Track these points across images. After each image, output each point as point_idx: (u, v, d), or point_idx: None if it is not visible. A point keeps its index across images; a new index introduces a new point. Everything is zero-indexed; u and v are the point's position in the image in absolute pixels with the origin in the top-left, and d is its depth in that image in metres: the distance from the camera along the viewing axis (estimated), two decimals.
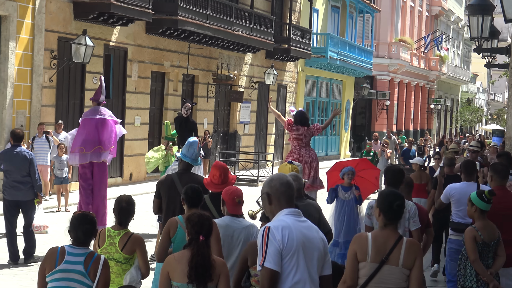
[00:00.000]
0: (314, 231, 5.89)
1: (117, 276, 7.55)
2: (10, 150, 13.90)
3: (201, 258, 6.06)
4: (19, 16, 21.45)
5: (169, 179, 9.90)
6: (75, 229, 6.63)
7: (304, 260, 5.71)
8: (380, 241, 6.42)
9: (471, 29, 15.85)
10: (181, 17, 27.37)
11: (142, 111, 27.74)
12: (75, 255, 6.51)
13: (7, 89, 21.11)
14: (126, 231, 7.72)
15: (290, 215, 5.81)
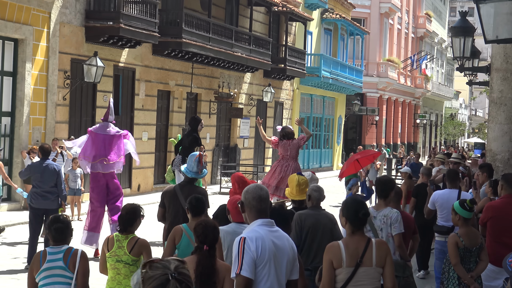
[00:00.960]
0: (284, 240, 5.93)
1: (125, 278, 7.61)
2: (39, 163, 14.13)
3: (204, 268, 6.08)
4: (35, 39, 21.48)
5: (172, 190, 9.93)
6: (49, 229, 6.93)
7: (275, 268, 5.77)
8: (352, 247, 6.45)
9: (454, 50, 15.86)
10: (185, 39, 27.42)
11: (149, 127, 27.75)
12: (54, 253, 6.80)
13: (23, 107, 21.14)
14: (133, 235, 7.78)
15: (263, 226, 5.86)
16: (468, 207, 8.59)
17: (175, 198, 9.68)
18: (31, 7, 21.29)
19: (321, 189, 9.08)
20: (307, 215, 8.67)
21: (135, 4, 24.58)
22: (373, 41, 55.65)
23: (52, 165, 13.99)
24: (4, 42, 20.76)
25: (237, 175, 9.39)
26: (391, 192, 9.25)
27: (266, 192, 6.10)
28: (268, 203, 6.04)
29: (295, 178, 9.44)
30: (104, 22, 23.64)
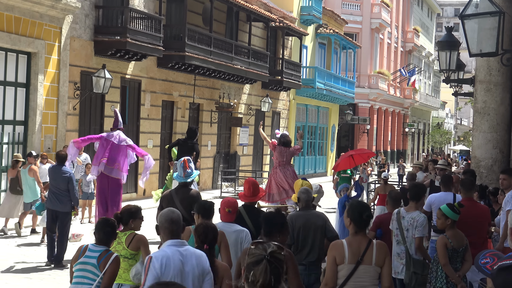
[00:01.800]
0: (193, 259, 6.03)
1: (124, 272, 7.73)
2: (55, 168, 14.46)
3: None
4: (46, 53, 21.50)
5: (169, 194, 10.00)
6: (98, 231, 7.18)
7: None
8: (354, 246, 6.59)
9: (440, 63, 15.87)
10: (188, 53, 27.44)
11: (154, 135, 27.75)
12: (93, 251, 7.01)
13: (36, 116, 21.14)
14: (132, 232, 7.96)
15: (172, 246, 6.05)
16: (458, 210, 8.63)
17: (172, 201, 9.69)
18: (43, 23, 21.32)
19: (309, 191, 9.13)
20: (297, 216, 8.79)
21: (141, 20, 24.63)
22: (365, 55, 55.72)
23: (66, 170, 14.21)
24: (18, 55, 20.78)
25: (251, 180, 9.38)
26: (423, 196, 9.84)
27: (178, 215, 6.29)
28: (179, 225, 6.25)
29: (299, 183, 9.67)
30: (112, 36, 23.67)
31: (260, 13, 34.59)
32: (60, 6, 21.58)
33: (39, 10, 21.00)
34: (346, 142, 55.55)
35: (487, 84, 14.81)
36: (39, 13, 21.06)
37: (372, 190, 24.91)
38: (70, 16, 22.40)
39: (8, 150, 20.55)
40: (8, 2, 19.69)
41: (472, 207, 9.65)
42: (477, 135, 15.13)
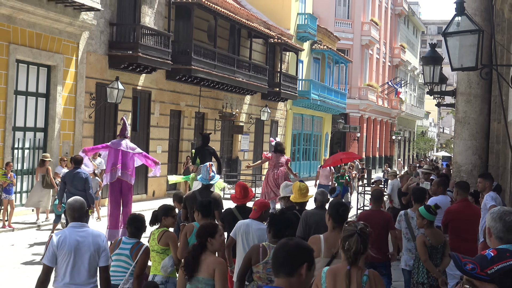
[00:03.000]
0: (89, 238, 6.43)
1: (159, 263, 7.98)
2: (72, 171, 14.47)
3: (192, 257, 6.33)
4: (65, 66, 21.54)
5: (193, 194, 10.29)
6: (130, 226, 7.51)
7: (74, 257, 6.34)
8: (330, 241, 6.68)
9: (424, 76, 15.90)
10: (194, 66, 27.49)
11: (163, 142, 27.77)
12: (126, 243, 7.39)
13: (55, 124, 21.16)
14: (164, 229, 8.16)
15: (72, 227, 6.48)
16: (434, 211, 8.70)
17: (195, 201, 9.78)
18: (62, 38, 21.36)
19: (325, 193, 9.43)
20: (312, 214, 8.89)
21: (151, 36, 24.68)
22: (355, 69, 55.78)
23: (82, 172, 14.29)
24: (39, 68, 20.81)
25: (242, 183, 9.78)
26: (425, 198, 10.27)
27: (80, 204, 6.61)
28: (81, 212, 6.59)
29: (297, 185, 9.77)
30: (125, 51, 23.71)
31: (260, 30, 34.64)
32: (78, 23, 21.63)
33: (58, 27, 21.04)
34: (338, 148, 55.42)
35: (467, 96, 14.83)
36: (58, 29, 21.10)
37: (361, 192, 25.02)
38: (87, 32, 22.44)
39: (29, 154, 20.58)
40: (30, 19, 19.73)
41: (467, 207, 9.70)
42: (458, 142, 15.16)
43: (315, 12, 49.40)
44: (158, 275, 7.92)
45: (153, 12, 26.31)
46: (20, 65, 19.94)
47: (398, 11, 68.65)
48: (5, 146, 19.02)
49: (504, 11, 12.37)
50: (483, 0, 14.69)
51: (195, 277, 6.25)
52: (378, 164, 61.55)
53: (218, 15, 29.85)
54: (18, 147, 20.10)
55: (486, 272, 2.73)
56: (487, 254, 2.81)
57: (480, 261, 2.76)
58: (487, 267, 2.75)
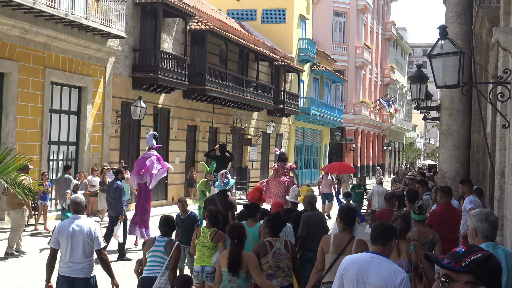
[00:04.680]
0: (83, 227, 7.07)
1: (207, 257, 8.33)
2: (111, 182, 14.45)
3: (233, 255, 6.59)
4: (94, 87, 21.63)
5: (212, 197, 10.73)
6: (163, 226, 7.66)
7: (71, 242, 7.01)
8: (338, 240, 6.75)
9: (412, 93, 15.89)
10: (208, 86, 27.56)
11: (180, 153, 27.81)
12: (160, 241, 7.53)
13: (85, 138, 21.23)
14: (214, 229, 8.49)
15: (71, 218, 7.19)
16: (418, 211, 8.73)
17: (214, 203, 10.34)
18: (91, 63, 21.47)
19: (315, 196, 9.68)
20: (312, 216, 9.13)
21: (169, 60, 24.77)
22: (350, 87, 55.80)
23: (117, 184, 14.10)
24: (71, 89, 20.91)
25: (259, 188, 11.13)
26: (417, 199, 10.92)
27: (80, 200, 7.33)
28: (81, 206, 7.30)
29: (305, 189, 10.23)
30: (147, 73, 23.80)
31: (266, 54, 34.73)
32: (105, 50, 21.73)
33: (88, 53, 21.15)
34: (336, 158, 55.46)
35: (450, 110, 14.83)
36: (88, 55, 21.21)
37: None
38: (113, 57, 22.54)
39: (63, 165, 20.62)
40: (63, 46, 19.84)
41: (449, 210, 9.67)
42: (442, 151, 15.14)
43: (314, 38, 49.52)
44: (207, 266, 8.29)
45: (171, 39, 26.42)
46: (55, 86, 20.03)
47: (387, 36, 68.70)
48: (41, 158, 19.08)
49: (482, 35, 12.38)
50: (463, 26, 14.72)
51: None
52: (371, 172, 61.41)
53: (228, 41, 29.95)
54: (53, 159, 20.16)
55: (461, 264, 2.78)
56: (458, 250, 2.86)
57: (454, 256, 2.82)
58: (461, 260, 2.80)
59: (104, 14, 20.67)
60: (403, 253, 6.98)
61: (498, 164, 9.25)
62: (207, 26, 27.90)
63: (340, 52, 55.35)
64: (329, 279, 6.51)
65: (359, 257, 4.91)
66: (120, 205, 13.99)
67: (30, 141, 18.68)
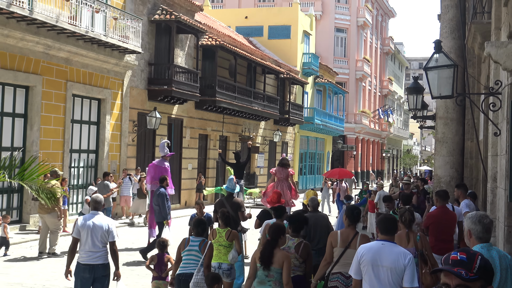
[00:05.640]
0: (101, 221, 7.68)
1: (224, 255, 8.43)
2: (156, 189, 13.87)
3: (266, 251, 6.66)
4: (112, 99, 21.69)
5: (221, 201, 10.93)
6: (196, 227, 7.90)
7: (92, 234, 7.59)
8: (345, 235, 7.11)
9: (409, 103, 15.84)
10: (218, 98, 27.59)
11: (193, 160, 27.82)
12: (194, 241, 7.78)
13: (104, 147, 21.28)
14: (228, 229, 8.60)
15: (91, 214, 7.77)
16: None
17: (224, 205, 10.59)
18: (110, 76, 21.54)
19: (317, 199, 9.90)
20: (310, 217, 9.23)
21: (183, 74, 24.83)
22: (351, 98, 55.78)
23: (161, 190, 13.63)
24: (91, 101, 20.97)
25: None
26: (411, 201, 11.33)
27: (100, 199, 7.96)
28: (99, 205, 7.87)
29: (311, 193, 10.44)
30: (161, 86, 23.85)
31: (272, 67, 34.76)
32: (123, 64, 21.80)
33: (106, 67, 21.22)
34: (338, 164, 55.39)
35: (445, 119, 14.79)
36: (106, 69, 21.28)
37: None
38: (130, 71, 22.61)
39: (83, 172, 20.69)
40: (83, 61, 19.92)
41: (445, 213, 9.58)
42: (438, 158, 15.08)
43: (317, 52, 49.55)
44: (224, 263, 8.40)
45: (184, 54, 26.48)
46: (76, 98, 20.10)
47: (386, 50, 68.67)
48: (63, 165, 19.13)
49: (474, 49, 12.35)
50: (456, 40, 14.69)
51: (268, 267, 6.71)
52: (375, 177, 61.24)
53: (237, 55, 29.99)
54: (74, 166, 20.20)
55: (473, 272, 2.70)
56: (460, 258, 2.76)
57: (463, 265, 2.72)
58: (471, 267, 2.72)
59: (121, 31, 20.75)
60: (411, 242, 7.47)
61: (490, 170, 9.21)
62: (217, 42, 27.96)
63: (341, 65, 55.36)
64: (337, 270, 6.98)
65: (372, 245, 5.65)
66: (164, 211, 13.51)
67: (53, 150, 18.73)
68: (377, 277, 5.46)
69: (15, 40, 16.92)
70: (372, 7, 62.08)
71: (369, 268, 5.49)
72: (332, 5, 54.23)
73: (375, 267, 5.47)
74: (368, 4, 59.58)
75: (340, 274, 6.96)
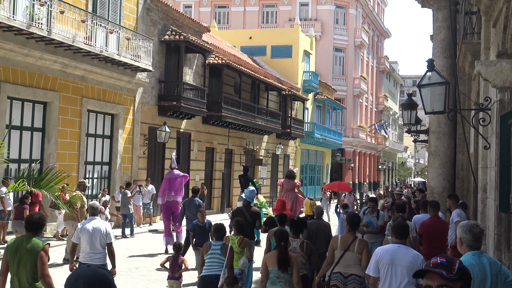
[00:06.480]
0: (99, 225, 8.08)
1: (236, 260, 8.57)
2: (190, 199, 13.68)
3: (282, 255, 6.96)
4: (124, 114, 21.74)
5: (241, 209, 11.06)
6: (217, 232, 8.09)
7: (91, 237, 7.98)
8: (344, 239, 7.45)
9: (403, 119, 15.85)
10: (224, 113, 27.63)
11: (200, 172, 27.82)
12: (216, 245, 8.01)
13: (117, 159, 21.30)
14: (241, 236, 8.78)
15: (89, 219, 8.21)
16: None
17: (243, 214, 10.76)
18: (122, 93, 21.61)
19: (321, 208, 10.32)
20: (312, 223, 9.73)
21: (191, 90, 24.89)
22: (349, 113, 55.78)
23: (196, 200, 13.49)
24: (105, 116, 21.02)
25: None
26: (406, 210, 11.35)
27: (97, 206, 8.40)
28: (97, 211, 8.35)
29: (308, 202, 10.70)
30: (171, 102, 23.91)
31: (274, 85, 34.83)
32: (134, 81, 21.88)
33: (119, 84, 21.30)
34: (336, 176, 55.33)
35: (438, 133, 14.78)
36: (119, 86, 21.36)
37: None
38: (141, 88, 22.68)
39: (97, 182, 20.70)
40: (98, 78, 20.01)
41: (437, 222, 9.59)
42: (431, 170, 15.06)
43: (317, 70, 49.66)
44: (235, 268, 8.52)
45: (192, 72, 26.57)
46: (90, 113, 20.16)
47: (381, 69, 68.77)
48: (78, 176, 19.15)
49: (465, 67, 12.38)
50: (448, 59, 14.73)
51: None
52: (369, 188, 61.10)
53: (242, 73, 30.07)
54: (89, 177, 20.22)
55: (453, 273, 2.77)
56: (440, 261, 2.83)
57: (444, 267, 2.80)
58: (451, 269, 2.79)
59: (133, 50, 20.84)
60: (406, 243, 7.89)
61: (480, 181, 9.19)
62: (223, 60, 28.05)
63: (339, 82, 55.44)
64: (337, 270, 7.33)
65: (390, 247, 6.08)
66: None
67: (69, 161, 18.76)
68: (394, 274, 5.93)
69: (34, 59, 17.02)
70: (369, 28, 62.26)
71: (387, 267, 5.96)
72: (331, 26, 54.42)
73: (393, 266, 5.94)
74: (365, 25, 59.76)
75: (340, 274, 7.33)
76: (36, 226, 6.28)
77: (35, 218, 6.31)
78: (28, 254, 6.09)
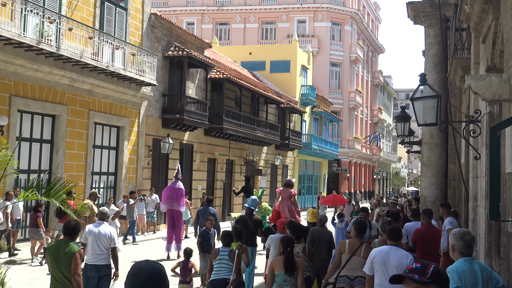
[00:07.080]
0: (106, 230, 8.19)
1: None
2: (204, 208, 13.45)
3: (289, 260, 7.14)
4: (130, 126, 21.75)
5: (244, 217, 11.12)
6: (224, 238, 8.26)
7: (97, 241, 8.08)
8: (352, 244, 7.60)
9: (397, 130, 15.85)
10: (225, 125, 27.64)
11: (202, 182, 27.78)
12: (224, 251, 8.15)
13: (122, 169, 21.28)
14: (239, 243, 8.82)
15: (97, 223, 8.31)
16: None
17: (246, 222, 10.88)
18: (127, 106, 21.63)
19: (326, 216, 10.48)
20: (315, 230, 9.92)
21: (193, 104, 24.92)
22: (345, 125, 55.84)
23: (210, 209, 13.25)
24: (111, 128, 21.03)
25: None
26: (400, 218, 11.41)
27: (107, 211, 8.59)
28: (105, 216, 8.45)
29: (311, 210, 10.81)
30: (174, 115, 23.92)
31: (273, 98, 34.87)
32: (139, 95, 21.91)
33: (125, 98, 21.33)
34: (333, 185, 55.30)
35: (430, 144, 14.79)
36: (125, 99, 21.39)
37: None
38: (146, 101, 22.71)
39: (104, 192, 20.67)
40: (104, 92, 20.04)
41: (430, 229, 9.56)
42: (424, 179, 15.05)
43: (314, 84, 49.76)
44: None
45: (195, 86, 26.62)
46: (97, 126, 20.17)
47: (376, 82, 68.93)
48: (85, 186, 19.13)
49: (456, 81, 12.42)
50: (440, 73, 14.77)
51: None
52: (363, 197, 61.05)
53: (242, 87, 30.13)
54: (95, 187, 20.19)
55: (426, 276, 2.79)
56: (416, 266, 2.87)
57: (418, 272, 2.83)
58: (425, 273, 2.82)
59: (138, 65, 20.90)
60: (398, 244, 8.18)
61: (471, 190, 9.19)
62: (224, 75, 28.11)
63: (336, 96, 55.54)
64: (344, 273, 7.48)
65: (383, 249, 6.42)
66: (217, 226, 12.70)
67: (76, 172, 18.75)
68: (386, 273, 6.23)
69: (43, 74, 17.06)
70: (363, 44, 62.47)
71: (380, 266, 6.30)
72: (328, 42, 54.61)
73: (384, 266, 6.28)
74: (360, 41, 59.97)
75: (346, 276, 7.47)
76: (72, 232, 6.95)
77: (72, 225, 6.98)
78: (66, 256, 6.73)
